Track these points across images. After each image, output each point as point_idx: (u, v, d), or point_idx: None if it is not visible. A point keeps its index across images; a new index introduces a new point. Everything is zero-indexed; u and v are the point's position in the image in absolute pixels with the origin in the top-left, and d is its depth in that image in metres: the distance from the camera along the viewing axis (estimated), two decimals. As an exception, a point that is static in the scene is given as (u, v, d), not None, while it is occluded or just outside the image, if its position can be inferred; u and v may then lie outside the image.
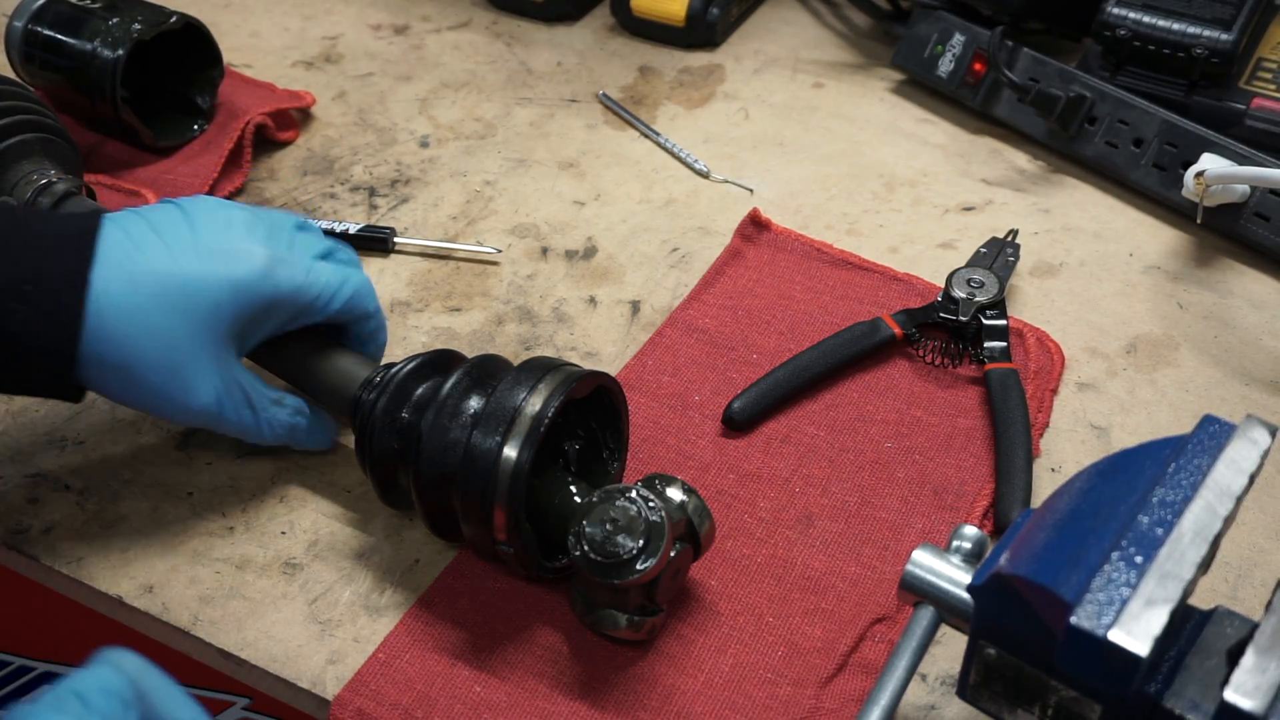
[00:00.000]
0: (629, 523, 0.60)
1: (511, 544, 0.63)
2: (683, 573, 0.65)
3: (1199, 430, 0.53)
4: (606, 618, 0.63)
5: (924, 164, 0.97)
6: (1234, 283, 0.87)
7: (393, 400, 0.66)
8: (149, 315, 0.62)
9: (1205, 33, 0.91)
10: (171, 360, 0.63)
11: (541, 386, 0.64)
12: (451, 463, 0.63)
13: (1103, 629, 0.46)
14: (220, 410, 0.66)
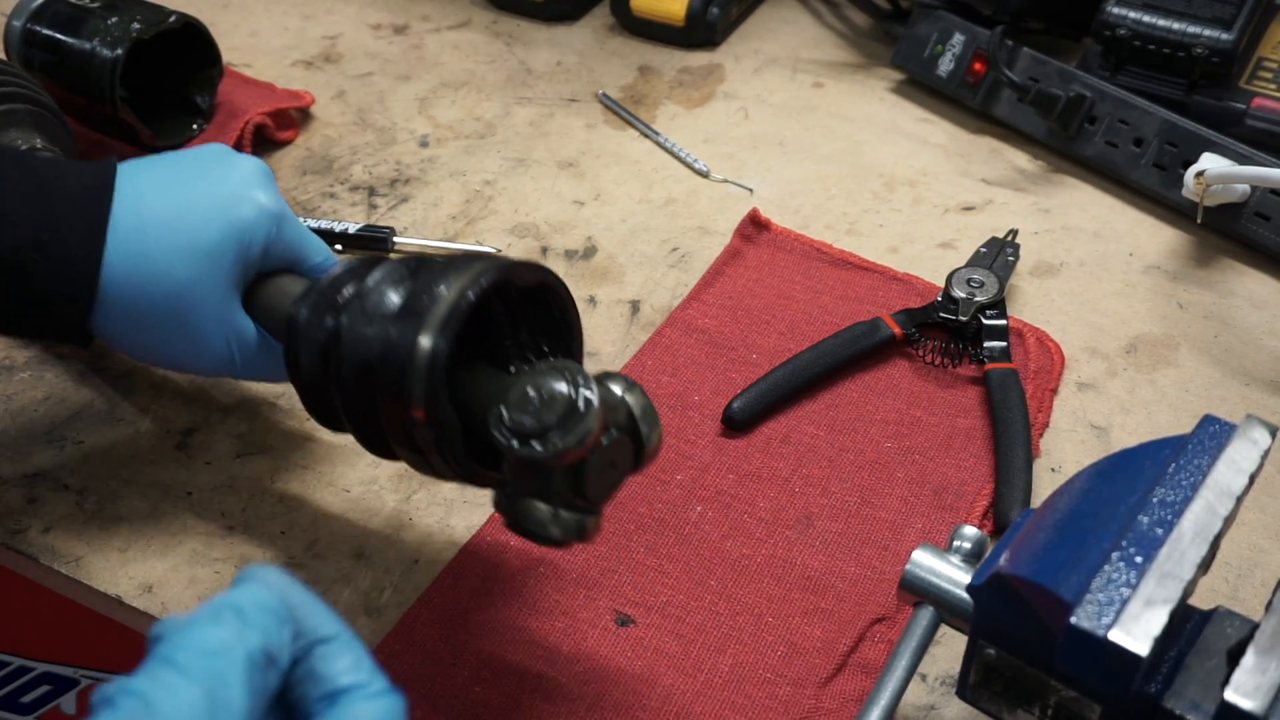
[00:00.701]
0: (552, 398, 0.54)
1: (431, 426, 0.56)
2: (619, 470, 0.58)
3: (1199, 430, 0.53)
4: (528, 510, 0.57)
5: (924, 164, 0.97)
6: (1234, 282, 0.87)
7: (317, 307, 0.61)
8: (155, 261, 0.61)
9: (1205, 32, 0.91)
10: (177, 305, 0.62)
11: (468, 273, 0.58)
12: (371, 359, 0.57)
13: (1103, 629, 0.46)
14: (231, 353, 0.65)
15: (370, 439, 0.60)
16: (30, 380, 0.79)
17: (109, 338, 0.64)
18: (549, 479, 0.56)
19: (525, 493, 0.57)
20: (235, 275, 0.64)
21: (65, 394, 0.78)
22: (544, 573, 0.69)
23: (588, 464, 0.56)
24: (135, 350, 0.65)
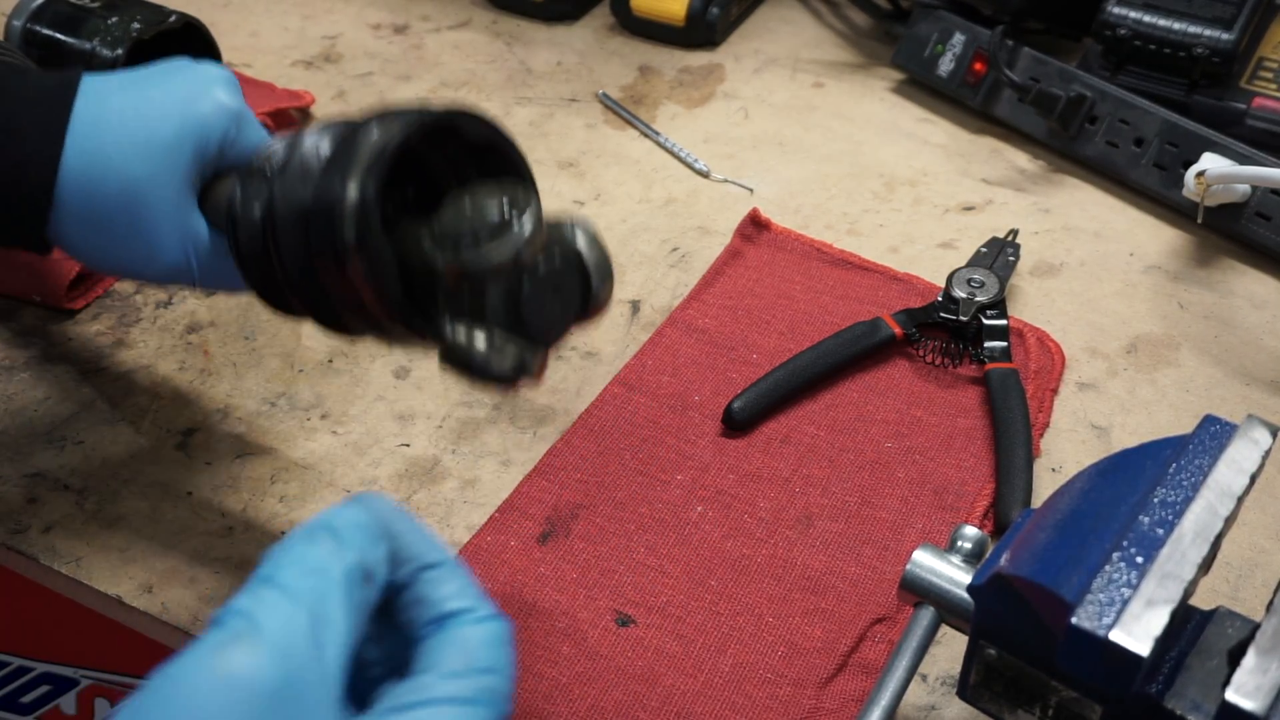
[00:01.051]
0: (486, 208, 0.52)
1: (362, 257, 0.53)
2: (563, 307, 0.56)
3: (1200, 430, 0.53)
4: (462, 336, 0.54)
5: (924, 163, 0.97)
6: (1235, 282, 0.87)
7: (250, 180, 0.59)
8: (110, 157, 0.60)
9: (1206, 32, 0.91)
10: (132, 203, 0.60)
11: (403, 118, 0.55)
12: (303, 216, 0.55)
13: (1104, 629, 0.46)
14: (187, 257, 0.62)
15: (320, 310, 0.58)
16: (30, 380, 0.79)
17: (66, 243, 0.62)
18: (482, 298, 0.53)
19: (460, 318, 0.54)
20: (192, 173, 0.62)
21: (65, 394, 0.78)
22: (544, 573, 0.69)
23: (524, 285, 0.53)
24: (92, 256, 0.63)
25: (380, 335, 0.58)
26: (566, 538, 0.71)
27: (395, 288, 0.55)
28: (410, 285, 0.55)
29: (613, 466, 0.74)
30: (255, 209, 0.58)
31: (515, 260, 0.52)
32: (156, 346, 0.81)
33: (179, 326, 0.83)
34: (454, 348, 0.55)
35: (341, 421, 0.77)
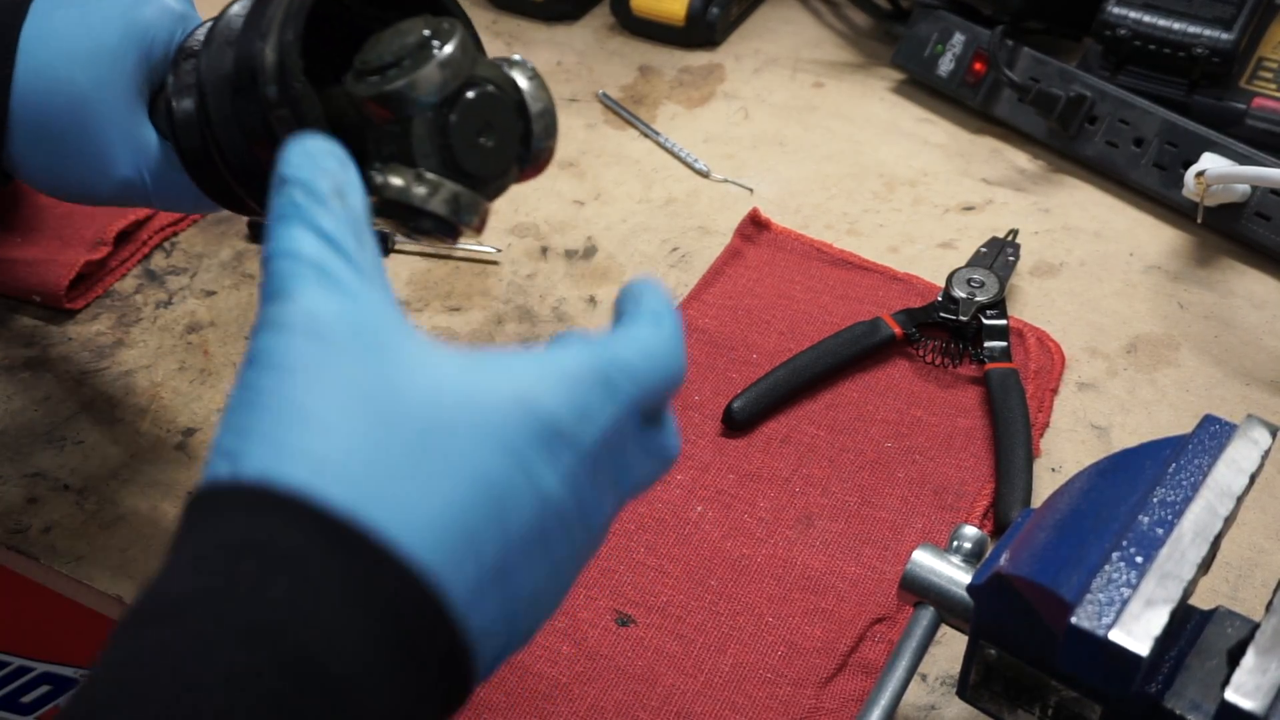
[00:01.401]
0: (406, 34, 0.50)
1: (285, 102, 0.51)
2: (499, 146, 0.53)
3: (1199, 430, 0.53)
4: (390, 175, 0.51)
5: (924, 163, 0.97)
6: (1234, 282, 0.87)
7: (177, 66, 0.57)
8: (57, 69, 0.59)
9: (1206, 32, 0.91)
10: (80, 115, 0.59)
11: None
12: (227, 86, 0.53)
13: (1103, 629, 0.46)
14: (139, 171, 0.61)
15: (264, 193, 0.54)
16: (30, 380, 0.79)
17: (21, 166, 0.61)
18: (409, 135, 0.50)
19: (390, 162, 0.51)
20: (139, 80, 0.61)
21: (65, 394, 0.78)
22: (544, 573, 0.69)
23: (451, 118, 0.51)
24: (46, 179, 0.62)
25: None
26: (566, 538, 0.71)
27: (313, 105, 0.52)
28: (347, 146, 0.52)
29: (613, 466, 0.74)
30: (187, 93, 0.56)
31: (438, 87, 0.49)
32: (156, 346, 0.81)
33: (179, 326, 0.83)
34: (383, 189, 0.51)
35: (341, 421, 0.77)
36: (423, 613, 0.37)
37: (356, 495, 0.37)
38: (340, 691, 0.36)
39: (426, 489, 0.38)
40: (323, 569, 0.36)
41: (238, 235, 0.89)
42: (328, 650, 0.36)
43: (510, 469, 0.39)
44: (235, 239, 0.89)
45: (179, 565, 0.38)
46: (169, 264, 0.87)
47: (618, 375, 0.42)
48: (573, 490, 0.40)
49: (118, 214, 0.85)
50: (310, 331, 0.39)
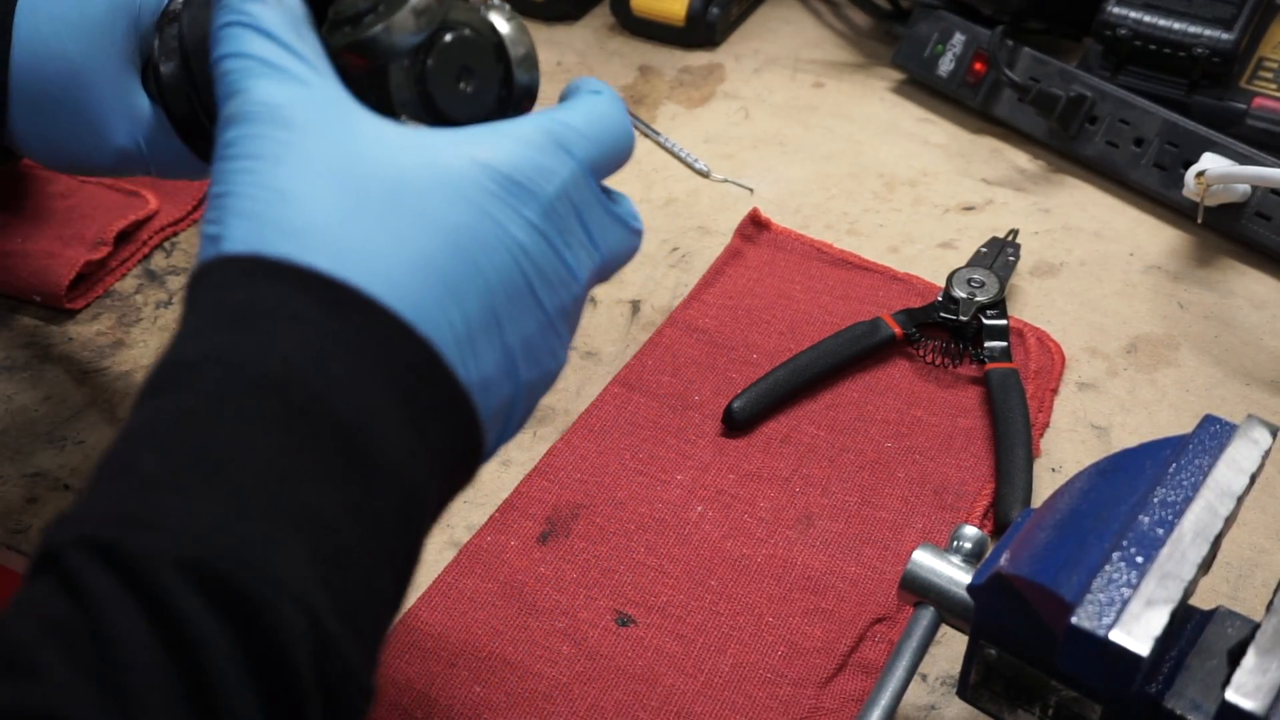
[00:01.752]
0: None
1: None
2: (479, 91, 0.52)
3: (1200, 430, 0.53)
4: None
5: (924, 163, 0.97)
6: (1235, 282, 0.87)
7: (161, 31, 0.58)
8: (48, 40, 0.59)
9: (1206, 32, 0.91)
10: (73, 86, 0.59)
11: None
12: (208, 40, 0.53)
13: (1104, 629, 0.46)
14: (135, 139, 0.61)
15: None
16: (30, 380, 0.79)
17: (22, 141, 0.61)
18: (386, 83, 0.50)
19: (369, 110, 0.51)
20: (129, 49, 0.61)
21: (65, 394, 0.78)
22: (544, 573, 0.69)
23: (429, 63, 0.50)
24: (46, 151, 0.62)
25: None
26: (566, 537, 0.71)
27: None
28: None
29: (613, 466, 0.74)
30: (171, 57, 0.57)
31: (412, 32, 0.49)
32: (157, 346, 0.81)
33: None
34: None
35: (341, 421, 0.77)
36: (415, 360, 0.40)
37: (338, 259, 0.40)
38: (350, 434, 0.39)
39: (401, 246, 0.41)
40: (319, 326, 0.39)
41: (238, 235, 0.89)
42: (335, 396, 0.39)
43: (478, 220, 0.43)
44: (235, 239, 0.89)
45: (185, 336, 0.40)
46: (169, 264, 0.87)
47: (569, 135, 0.46)
48: (542, 239, 0.44)
49: (118, 213, 0.85)
50: (269, 119, 0.42)
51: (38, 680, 0.34)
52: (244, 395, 0.38)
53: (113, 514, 0.36)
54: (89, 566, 0.35)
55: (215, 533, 0.36)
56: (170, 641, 0.34)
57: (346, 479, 0.39)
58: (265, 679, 0.35)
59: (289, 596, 0.36)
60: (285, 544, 0.37)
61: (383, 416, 0.39)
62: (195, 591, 0.35)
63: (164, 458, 0.37)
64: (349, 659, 0.38)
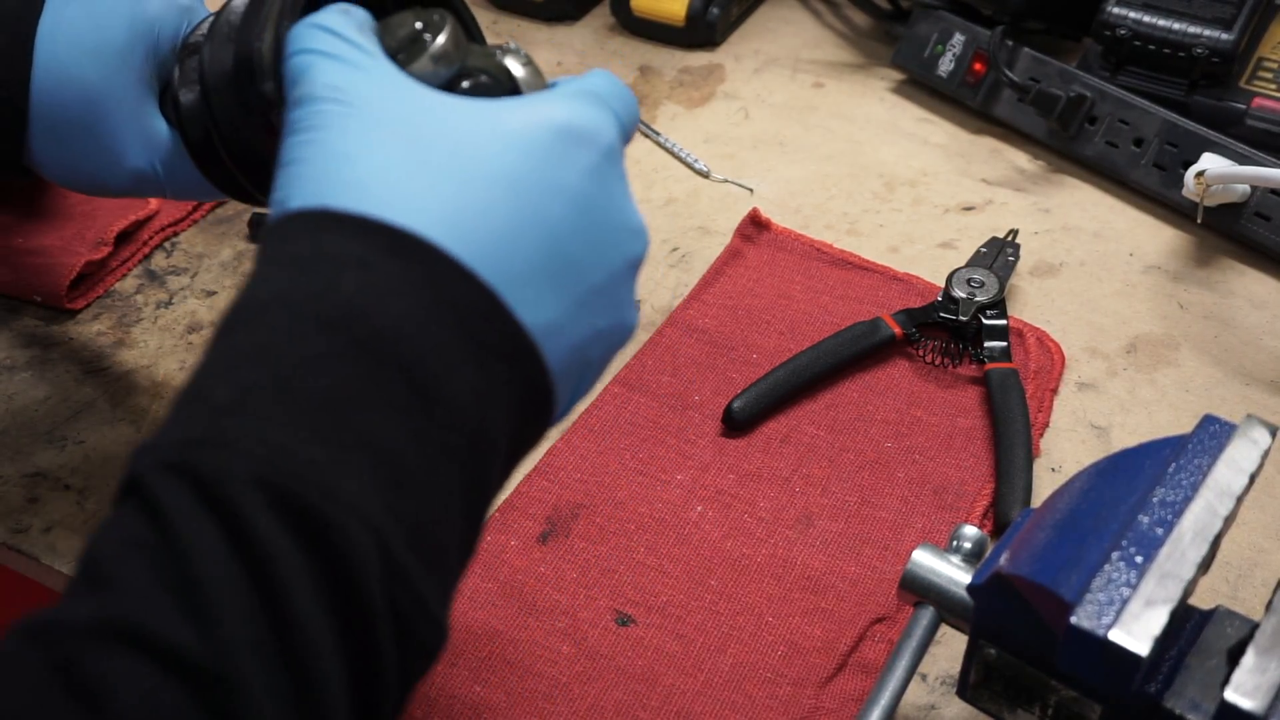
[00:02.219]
0: (398, 26, 0.51)
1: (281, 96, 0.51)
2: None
3: (1199, 430, 0.53)
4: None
5: (924, 163, 0.97)
6: (1234, 283, 0.87)
7: (182, 61, 0.59)
8: (67, 66, 0.60)
9: (1205, 32, 0.91)
10: (91, 111, 0.61)
11: None
12: (227, 76, 0.55)
13: (1103, 629, 0.46)
14: (151, 162, 0.62)
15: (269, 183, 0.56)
16: (31, 380, 0.79)
17: (38, 160, 0.62)
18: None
19: None
20: (147, 74, 0.62)
21: (66, 394, 0.78)
22: (544, 572, 0.69)
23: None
24: (62, 172, 0.63)
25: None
26: (566, 537, 0.71)
27: None
28: None
29: (613, 466, 0.74)
30: (191, 87, 0.58)
31: (431, 80, 0.50)
32: (157, 346, 0.82)
33: (180, 326, 0.83)
34: None
35: (342, 421, 0.77)
36: (475, 301, 0.42)
37: (398, 208, 0.42)
38: (413, 367, 0.40)
39: (460, 194, 0.43)
40: (382, 269, 0.41)
41: (238, 235, 0.89)
42: (399, 334, 0.40)
43: (538, 168, 0.44)
44: (236, 239, 0.89)
45: (255, 282, 0.42)
46: (169, 264, 0.87)
47: (605, 95, 0.48)
48: (600, 186, 0.46)
49: (119, 213, 0.85)
50: (332, 98, 0.44)
51: (118, 592, 0.36)
52: (311, 331, 0.40)
53: (188, 439, 0.38)
54: (166, 488, 0.37)
55: (284, 454, 0.37)
56: (244, 556, 0.36)
57: (411, 410, 0.40)
58: (335, 596, 0.37)
59: (356, 518, 0.37)
60: (351, 468, 0.38)
61: (445, 353, 0.41)
62: (267, 509, 0.36)
63: (235, 388, 0.39)
64: (417, 586, 0.39)
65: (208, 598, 0.35)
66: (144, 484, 0.37)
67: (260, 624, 0.36)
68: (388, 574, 0.38)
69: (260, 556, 0.36)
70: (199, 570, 0.36)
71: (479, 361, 0.42)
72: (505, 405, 0.43)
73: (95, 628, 0.35)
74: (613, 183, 0.47)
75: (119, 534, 0.37)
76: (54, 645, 0.35)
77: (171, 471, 0.37)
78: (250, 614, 0.36)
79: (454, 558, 0.42)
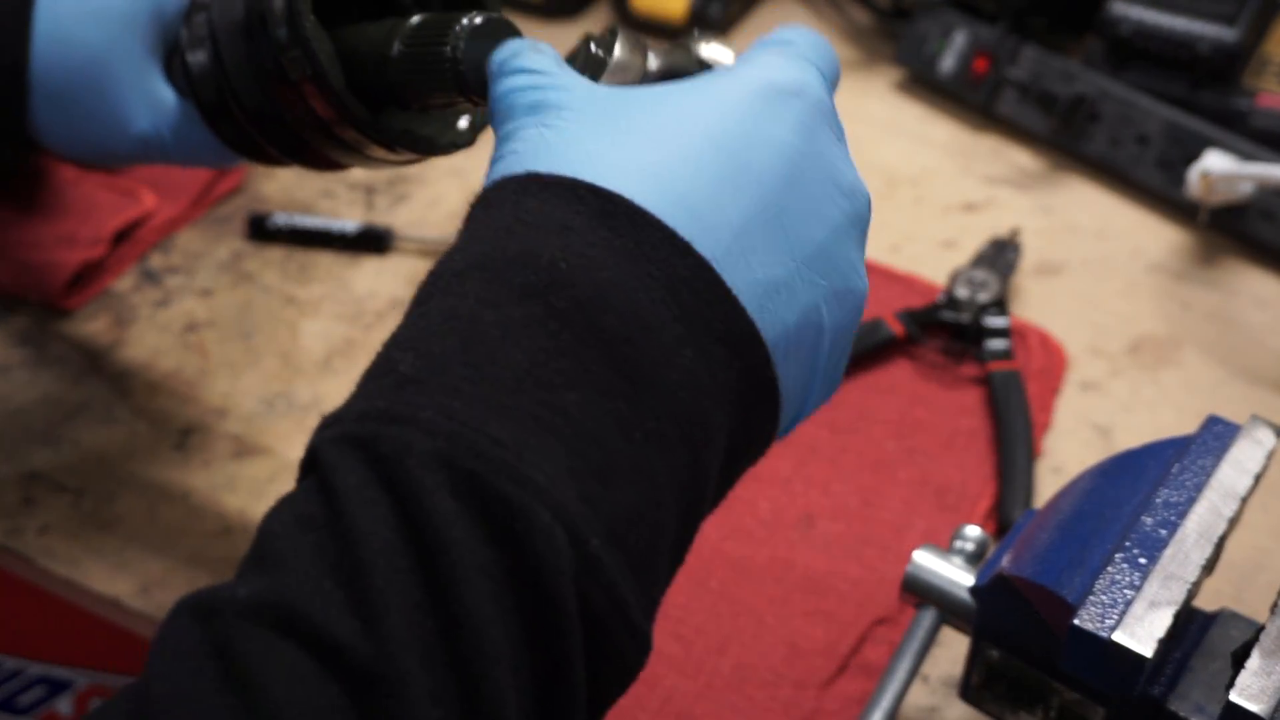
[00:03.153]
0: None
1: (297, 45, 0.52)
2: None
3: (1203, 431, 0.53)
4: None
5: (926, 162, 0.97)
6: (1238, 282, 0.87)
7: (189, 18, 0.59)
8: (70, 30, 0.60)
9: (1209, 29, 0.90)
10: (96, 75, 0.60)
11: None
12: (238, 29, 0.55)
13: (1106, 631, 0.46)
14: (157, 127, 0.62)
15: (287, 143, 0.57)
16: (27, 380, 0.79)
17: (42, 130, 0.62)
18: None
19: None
20: (151, 38, 0.62)
21: (62, 394, 0.78)
22: (543, 574, 0.69)
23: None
24: (67, 141, 0.63)
25: (354, 155, 0.57)
26: (566, 538, 0.70)
27: (337, 78, 0.53)
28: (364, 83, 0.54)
29: (612, 467, 0.74)
30: (201, 45, 0.57)
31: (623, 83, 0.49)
32: (154, 346, 0.81)
33: (176, 326, 0.82)
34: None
35: (340, 421, 0.77)
36: (692, 277, 0.38)
37: (605, 173, 0.40)
38: (618, 343, 0.37)
39: (665, 154, 0.40)
40: (587, 234, 0.38)
41: (235, 234, 0.89)
42: (605, 305, 0.37)
43: (743, 123, 0.41)
44: (233, 238, 0.88)
45: (455, 250, 0.40)
46: (166, 263, 0.87)
47: (808, 52, 0.45)
48: (809, 140, 0.42)
49: (115, 212, 0.85)
50: (543, 110, 0.42)
51: (284, 573, 0.33)
52: (507, 299, 0.37)
53: (369, 411, 0.36)
54: (342, 463, 0.34)
55: (469, 431, 0.34)
56: (418, 543, 0.33)
57: (615, 392, 0.36)
58: (518, 594, 0.34)
59: (547, 504, 0.34)
60: (545, 453, 0.35)
61: (656, 331, 0.38)
62: (447, 491, 0.34)
63: (422, 358, 0.36)
64: (619, 589, 0.35)
65: (374, 588, 0.33)
66: (321, 458, 0.35)
67: (429, 621, 0.33)
68: (583, 571, 0.34)
69: (435, 545, 0.33)
70: (367, 557, 0.33)
71: (696, 343, 0.38)
72: (724, 394, 0.39)
73: (258, 610, 0.33)
74: (823, 137, 0.43)
75: (293, 511, 0.35)
76: (216, 624, 0.33)
77: (349, 445, 0.35)
78: (419, 609, 0.33)
79: (662, 558, 0.38)
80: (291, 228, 0.88)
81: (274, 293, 0.85)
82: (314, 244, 0.88)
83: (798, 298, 0.41)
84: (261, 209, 0.90)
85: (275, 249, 0.88)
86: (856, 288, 0.43)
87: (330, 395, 0.78)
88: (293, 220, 0.88)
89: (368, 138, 0.54)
